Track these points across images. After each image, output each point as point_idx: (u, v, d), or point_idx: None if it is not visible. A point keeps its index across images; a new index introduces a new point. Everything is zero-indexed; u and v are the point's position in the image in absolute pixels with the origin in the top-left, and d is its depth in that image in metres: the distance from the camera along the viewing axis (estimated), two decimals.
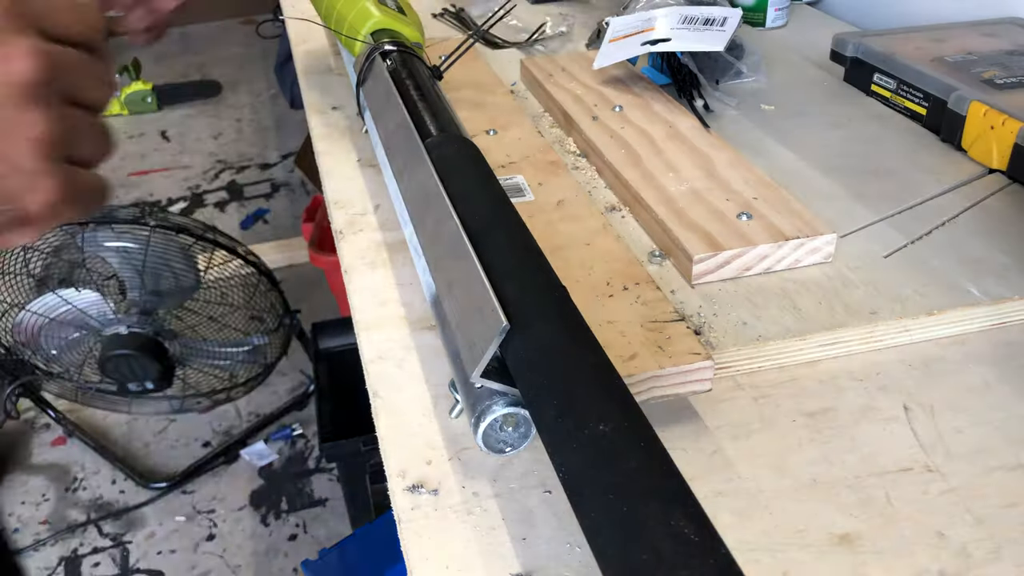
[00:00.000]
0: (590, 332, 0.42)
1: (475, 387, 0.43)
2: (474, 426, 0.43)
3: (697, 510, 0.32)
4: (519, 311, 0.42)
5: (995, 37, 0.88)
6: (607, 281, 0.54)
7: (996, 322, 0.56)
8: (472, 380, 0.42)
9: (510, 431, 0.43)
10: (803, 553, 0.41)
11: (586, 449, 0.35)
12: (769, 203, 0.63)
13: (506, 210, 0.51)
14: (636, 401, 0.37)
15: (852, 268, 0.60)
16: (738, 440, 0.48)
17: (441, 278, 0.48)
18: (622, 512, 0.32)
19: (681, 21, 0.79)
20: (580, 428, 0.35)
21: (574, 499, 0.35)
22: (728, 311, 0.56)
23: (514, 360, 0.41)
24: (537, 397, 0.39)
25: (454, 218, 0.49)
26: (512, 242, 0.48)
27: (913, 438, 0.48)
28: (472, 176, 0.54)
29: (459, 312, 0.45)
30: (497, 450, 0.44)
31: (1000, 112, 0.71)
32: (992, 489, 0.44)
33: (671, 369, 0.47)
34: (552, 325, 0.41)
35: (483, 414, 0.42)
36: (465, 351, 0.43)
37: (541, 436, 0.38)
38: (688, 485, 0.33)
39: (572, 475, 0.35)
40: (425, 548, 0.42)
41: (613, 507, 0.32)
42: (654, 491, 0.32)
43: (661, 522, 0.31)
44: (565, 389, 0.38)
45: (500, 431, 0.43)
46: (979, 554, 0.41)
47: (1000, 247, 0.62)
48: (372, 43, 0.74)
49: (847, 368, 0.53)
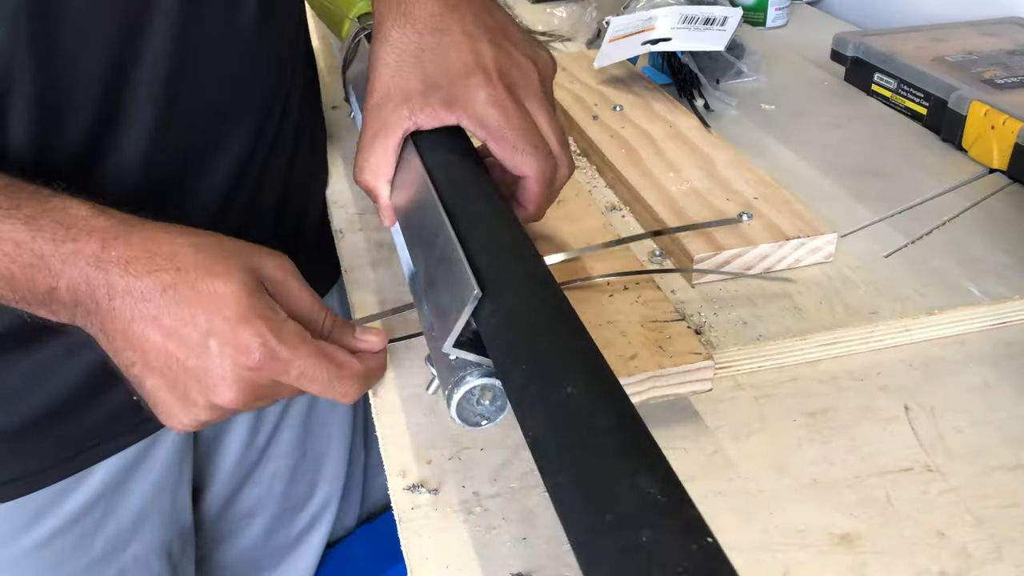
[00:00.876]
0: (562, 295, 0.40)
1: (449, 359, 0.42)
2: (448, 398, 0.42)
3: (665, 470, 0.30)
4: (492, 279, 0.41)
5: (996, 37, 0.88)
6: (607, 280, 0.54)
7: (996, 322, 0.56)
8: (444, 350, 0.41)
9: (487, 404, 0.43)
10: (803, 553, 0.41)
11: (553, 411, 0.34)
12: (769, 203, 0.63)
13: (485, 181, 0.50)
14: (605, 361, 0.36)
15: (852, 268, 0.60)
16: (738, 440, 0.48)
17: (417, 251, 0.48)
18: (585, 471, 0.30)
19: (681, 21, 0.79)
20: (547, 391, 0.34)
21: (541, 463, 0.34)
22: (728, 311, 0.56)
23: (486, 328, 0.40)
24: (506, 363, 0.38)
25: (430, 189, 0.48)
26: (489, 211, 0.47)
27: (913, 438, 0.48)
28: (452, 149, 0.52)
29: (434, 283, 0.45)
30: (473, 423, 0.43)
31: (1001, 112, 0.71)
32: (992, 489, 0.44)
33: (671, 369, 0.47)
34: (522, 290, 0.40)
35: (456, 385, 0.42)
36: (438, 321, 0.43)
37: (511, 403, 0.37)
38: (658, 447, 0.31)
39: (539, 438, 0.34)
40: (425, 548, 0.42)
41: (577, 466, 0.31)
42: (620, 451, 0.31)
43: (626, 481, 0.29)
44: (532, 352, 0.37)
45: (476, 404, 0.42)
46: (979, 554, 0.41)
47: (1000, 247, 0.62)
48: (360, 25, 0.73)
49: (847, 368, 0.53)
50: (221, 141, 0.62)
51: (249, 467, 0.84)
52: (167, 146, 0.57)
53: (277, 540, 0.90)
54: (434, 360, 0.45)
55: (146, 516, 0.71)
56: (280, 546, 0.91)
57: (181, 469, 0.74)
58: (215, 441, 0.80)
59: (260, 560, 0.90)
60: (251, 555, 0.89)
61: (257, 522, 0.88)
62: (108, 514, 0.68)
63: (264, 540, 0.89)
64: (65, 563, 0.67)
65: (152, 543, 0.72)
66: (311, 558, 0.93)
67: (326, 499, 0.92)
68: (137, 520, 0.70)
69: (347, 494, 0.95)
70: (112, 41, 0.52)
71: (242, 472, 0.83)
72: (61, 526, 0.65)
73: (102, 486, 0.66)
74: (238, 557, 0.88)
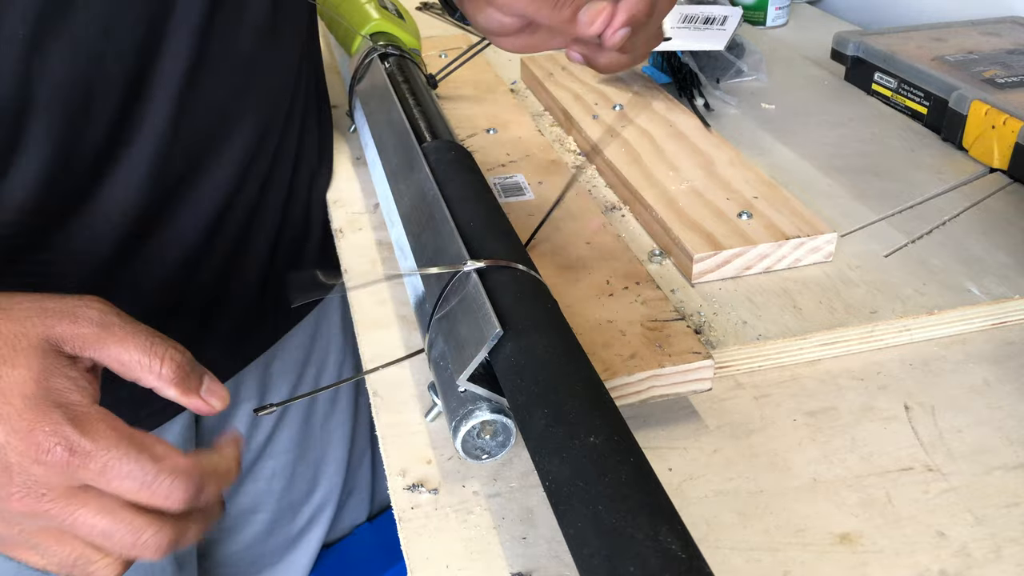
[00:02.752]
0: (580, 346, 0.42)
1: (459, 391, 0.43)
2: (455, 429, 0.43)
3: (682, 527, 0.32)
4: (512, 318, 0.42)
5: (996, 36, 0.88)
6: (607, 280, 0.54)
7: (997, 321, 0.56)
8: (458, 383, 0.42)
9: (487, 439, 0.43)
10: (804, 552, 0.41)
11: (577, 460, 0.34)
12: (769, 202, 0.63)
13: (500, 217, 0.52)
14: (623, 417, 0.37)
15: (853, 267, 0.60)
16: (738, 439, 0.48)
17: (431, 279, 0.48)
18: (611, 524, 0.31)
19: (681, 20, 0.79)
20: (571, 438, 0.35)
21: (560, 508, 0.34)
22: (728, 310, 0.56)
23: (504, 366, 0.41)
24: (527, 404, 0.38)
25: (450, 222, 0.49)
26: (507, 251, 0.48)
27: (914, 437, 0.48)
28: (467, 183, 0.54)
29: (450, 314, 0.45)
30: (474, 456, 0.44)
31: (1001, 111, 0.71)
32: (993, 489, 0.44)
33: (671, 368, 0.47)
34: (546, 335, 0.41)
35: (465, 418, 0.42)
36: (454, 353, 0.43)
37: (528, 443, 0.38)
38: (672, 503, 0.33)
39: (560, 484, 0.35)
40: (425, 547, 0.42)
41: (602, 518, 0.32)
42: (643, 505, 0.32)
43: (649, 536, 0.31)
44: (558, 399, 0.37)
45: (478, 438, 0.43)
46: (979, 554, 0.41)
47: (1001, 246, 0.62)
48: (371, 44, 0.74)
49: (848, 367, 0.53)
50: (226, 147, 0.62)
51: (248, 464, 0.84)
52: (173, 154, 0.57)
53: (278, 537, 0.91)
54: (440, 389, 0.46)
55: None
56: (281, 543, 0.92)
57: None
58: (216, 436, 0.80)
59: (261, 557, 0.91)
60: (252, 552, 0.89)
61: (258, 519, 0.88)
62: None
63: (265, 537, 0.90)
64: None
65: None
66: (309, 556, 0.94)
67: (325, 497, 0.93)
68: None
69: (355, 492, 0.96)
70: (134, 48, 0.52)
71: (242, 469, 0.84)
72: None
73: None
74: (239, 554, 0.89)
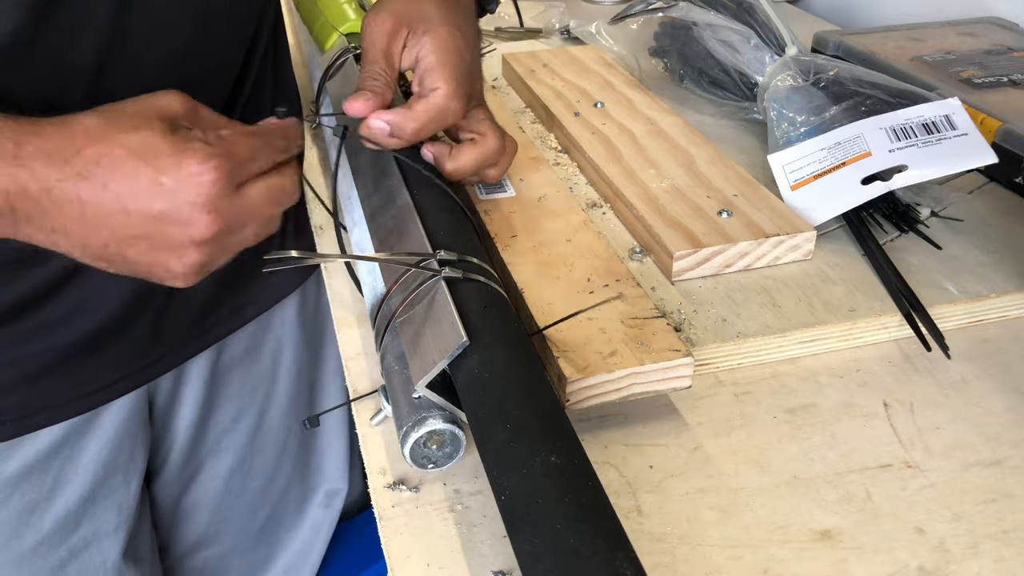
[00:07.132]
0: (541, 365, 0.42)
1: (413, 396, 0.43)
2: (404, 435, 0.43)
3: (635, 556, 0.32)
4: (478, 330, 0.42)
5: (973, 36, 0.88)
6: (588, 277, 0.54)
7: (974, 319, 0.56)
8: (415, 388, 0.42)
9: (434, 448, 0.43)
10: (784, 549, 0.41)
11: (538, 478, 0.34)
12: (749, 200, 0.63)
13: (471, 225, 0.52)
14: (580, 441, 0.37)
15: (832, 265, 0.60)
16: (719, 436, 0.48)
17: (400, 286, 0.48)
18: (569, 544, 0.32)
19: (893, 137, 0.62)
20: (533, 455, 0.35)
21: (516, 524, 0.34)
22: (708, 308, 0.56)
23: (466, 378, 0.41)
24: (488, 417, 0.38)
25: (420, 228, 0.49)
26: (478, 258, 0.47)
27: (892, 434, 0.48)
28: (438, 190, 0.54)
29: (413, 320, 0.45)
30: (420, 464, 0.44)
31: (979, 111, 0.71)
32: (970, 485, 0.45)
33: (651, 366, 0.47)
34: (511, 350, 0.41)
35: (417, 425, 0.42)
36: (414, 360, 0.43)
37: (485, 458, 0.38)
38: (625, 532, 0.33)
39: (518, 499, 0.35)
40: (406, 546, 0.42)
41: (560, 537, 0.32)
42: (600, 529, 0.32)
43: (607, 560, 0.31)
44: (520, 415, 0.37)
45: (424, 447, 0.43)
46: (957, 549, 0.41)
47: (977, 245, 0.62)
48: (346, 44, 0.74)
49: (827, 365, 0.53)
50: None
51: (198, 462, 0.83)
52: None
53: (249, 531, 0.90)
54: (392, 394, 0.45)
55: (95, 497, 0.71)
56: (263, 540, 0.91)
57: (132, 451, 0.73)
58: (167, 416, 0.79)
59: None
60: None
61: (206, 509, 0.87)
62: (55, 490, 0.68)
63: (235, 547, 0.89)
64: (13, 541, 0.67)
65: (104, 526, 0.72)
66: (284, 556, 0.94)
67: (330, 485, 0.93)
68: (86, 500, 0.70)
69: (351, 487, 0.96)
70: None
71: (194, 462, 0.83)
72: None
73: (38, 455, 0.66)
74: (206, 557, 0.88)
